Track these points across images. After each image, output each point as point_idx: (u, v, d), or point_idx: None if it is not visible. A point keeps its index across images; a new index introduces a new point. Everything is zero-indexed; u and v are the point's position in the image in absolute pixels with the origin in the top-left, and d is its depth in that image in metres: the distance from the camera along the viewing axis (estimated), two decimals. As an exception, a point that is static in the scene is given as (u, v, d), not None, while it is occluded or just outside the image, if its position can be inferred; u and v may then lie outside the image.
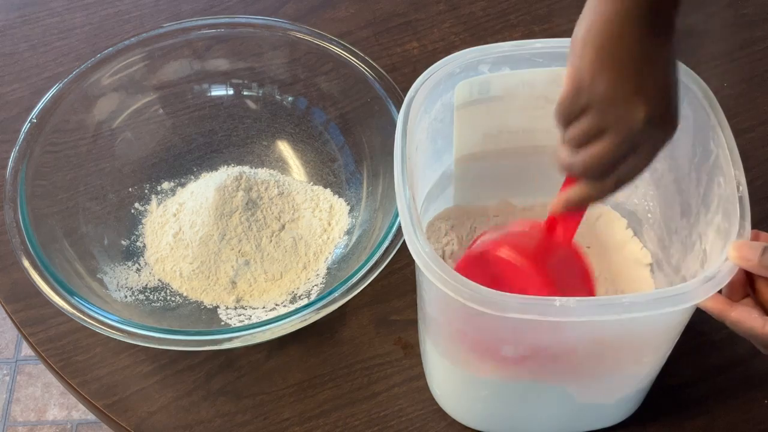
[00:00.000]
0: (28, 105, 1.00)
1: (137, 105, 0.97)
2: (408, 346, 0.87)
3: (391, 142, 0.75)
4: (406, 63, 1.06)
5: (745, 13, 1.11)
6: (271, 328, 0.79)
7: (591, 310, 0.65)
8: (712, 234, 0.71)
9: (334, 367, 0.86)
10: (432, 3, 1.12)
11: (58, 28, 1.10)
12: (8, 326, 1.80)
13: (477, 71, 0.77)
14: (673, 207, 0.79)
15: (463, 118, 0.79)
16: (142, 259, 0.91)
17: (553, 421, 0.81)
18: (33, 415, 1.71)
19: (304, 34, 0.97)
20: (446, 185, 0.85)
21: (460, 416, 0.83)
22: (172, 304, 0.88)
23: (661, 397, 0.83)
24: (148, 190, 0.96)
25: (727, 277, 0.65)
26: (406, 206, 0.69)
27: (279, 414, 0.84)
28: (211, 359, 0.86)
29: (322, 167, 0.97)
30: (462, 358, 0.77)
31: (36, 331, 0.88)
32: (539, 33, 1.09)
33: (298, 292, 0.88)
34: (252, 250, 0.89)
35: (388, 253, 0.82)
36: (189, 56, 0.98)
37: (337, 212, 0.93)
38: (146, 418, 0.83)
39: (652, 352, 0.75)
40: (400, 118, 0.74)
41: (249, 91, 1.00)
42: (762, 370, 0.85)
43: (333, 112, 0.98)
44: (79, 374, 0.86)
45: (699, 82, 0.73)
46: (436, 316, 0.75)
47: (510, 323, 0.67)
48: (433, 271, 0.65)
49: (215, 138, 0.99)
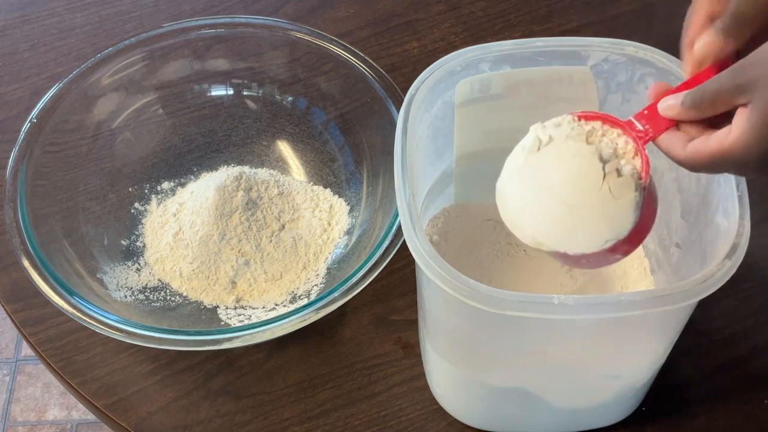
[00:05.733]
0: (28, 105, 1.00)
1: (137, 105, 0.97)
2: (408, 346, 0.87)
3: (391, 141, 0.75)
4: (406, 63, 1.06)
5: (745, 13, 1.11)
6: (271, 328, 0.79)
7: (589, 308, 0.65)
8: (712, 234, 0.71)
9: (334, 367, 0.86)
10: (432, 3, 1.12)
11: (58, 28, 1.10)
12: (8, 326, 1.80)
13: (478, 69, 0.77)
14: (673, 206, 0.79)
15: (464, 116, 0.79)
16: (142, 259, 0.91)
17: (552, 420, 0.81)
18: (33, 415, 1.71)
19: (304, 34, 0.97)
20: (447, 184, 0.85)
21: (460, 415, 0.83)
22: (172, 304, 0.88)
23: (661, 397, 0.83)
24: (148, 190, 0.96)
25: (726, 276, 0.65)
26: (405, 204, 0.69)
27: (279, 414, 0.84)
28: (211, 359, 0.86)
29: (322, 167, 0.97)
30: (462, 357, 0.77)
31: (36, 331, 0.88)
32: (539, 33, 1.09)
33: (298, 292, 0.88)
34: (252, 250, 0.89)
35: (388, 253, 0.82)
36: (189, 56, 0.98)
37: (337, 212, 0.93)
38: (146, 418, 0.83)
39: (651, 351, 0.75)
40: (400, 117, 0.74)
41: (249, 91, 1.00)
42: (762, 370, 0.85)
43: (333, 112, 0.98)
44: (79, 374, 0.86)
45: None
46: (437, 314, 0.75)
47: (509, 321, 0.67)
48: (433, 269, 0.65)
49: (215, 138, 0.99)
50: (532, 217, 0.66)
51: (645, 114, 0.66)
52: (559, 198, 0.65)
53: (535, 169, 0.66)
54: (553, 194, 0.65)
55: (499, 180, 0.68)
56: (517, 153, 0.68)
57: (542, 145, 0.66)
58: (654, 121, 0.66)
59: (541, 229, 0.66)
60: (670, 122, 0.65)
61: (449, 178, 0.84)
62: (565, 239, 0.65)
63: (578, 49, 0.77)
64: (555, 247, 0.66)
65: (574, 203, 0.64)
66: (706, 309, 0.79)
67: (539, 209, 0.66)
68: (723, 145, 0.60)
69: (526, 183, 0.66)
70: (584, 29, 1.09)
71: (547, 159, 0.66)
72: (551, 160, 0.66)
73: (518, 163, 0.67)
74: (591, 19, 1.10)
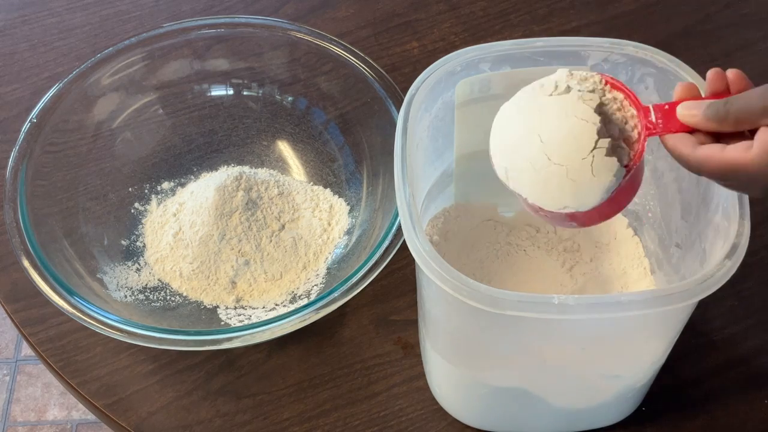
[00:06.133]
0: (28, 105, 1.00)
1: (137, 105, 0.97)
2: (408, 346, 0.87)
3: (391, 141, 0.75)
4: (406, 63, 1.06)
5: (745, 13, 1.11)
6: (271, 328, 0.79)
7: (589, 308, 0.65)
8: (712, 234, 0.71)
9: (333, 367, 0.86)
10: (432, 3, 1.12)
11: (58, 28, 1.10)
12: (8, 326, 1.80)
13: (478, 69, 0.77)
14: (673, 206, 0.79)
15: (464, 116, 0.79)
16: (142, 259, 0.91)
17: (552, 420, 0.81)
18: (33, 415, 1.71)
19: (304, 34, 0.97)
20: (447, 184, 0.85)
21: (460, 415, 0.83)
22: (172, 304, 0.88)
23: (661, 397, 0.83)
24: (148, 190, 0.96)
25: (726, 276, 0.65)
26: (405, 204, 0.69)
27: (279, 414, 0.84)
28: (211, 359, 0.86)
29: (322, 167, 0.97)
30: (462, 357, 0.77)
31: (36, 331, 0.88)
32: (539, 33, 1.09)
33: (298, 292, 0.88)
34: (252, 250, 0.89)
35: (388, 253, 0.82)
36: (189, 56, 0.98)
37: (337, 212, 0.93)
38: (146, 418, 0.83)
39: (651, 351, 0.75)
40: (400, 116, 0.74)
41: (249, 91, 1.00)
42: (762, 370, 0.85)
43: (333, 112, 0.98)
44: (79, 374, 0.86)
45: (700, 81, 0.73)
46: (436, 314, 0.75)
47: (509, 321, 0.67)
48: (433, 269, 0.65)
49: (215, 138, 0.99)
50: (513, 153, 0.67)
51: (665, 109, 0.66)
52: (543, 148, 0.65)
53: (538, 110, 0.66)
54: (540, 142, 0.65)
55: (505, 104, 0.69)
56: (532, 87, 0.68)
57: (556, 92, 0.66)
58: (669, 119, 0.66)
59: (514, 167, 0.66)
60: (685, 127, 0.65)
61: (449, 178, 0.84)
62: (529, 187, 0.66)
63: (578, 49, 0.77)
64: (518, 190, 0.67)
65: (554, 159, 0.65)
66: (706, 309, 0.80)
67: (522, 149, 0.66)
68: (741, 158, 0.61)
69: (524, 119, 0.67)
70: (584, 29, 1.09)
71: (553, 107, 0.66)
72: (556, 109, 0.66)
73: (527, 97, 0.68)
74: (591, 19, 1.10)
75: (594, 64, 0.77)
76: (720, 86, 0.65)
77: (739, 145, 0.61)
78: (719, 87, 0.65)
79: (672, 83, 0.75)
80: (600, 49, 0.77)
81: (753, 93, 0.62)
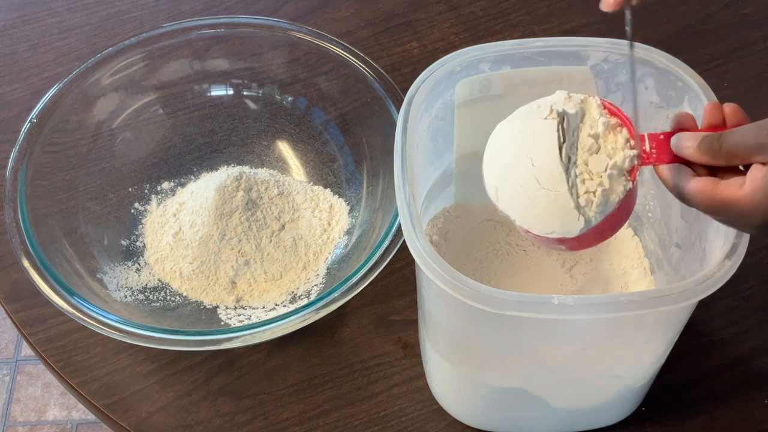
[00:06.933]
0: (28, 105, 1.00)
1: (137, 105, 0.97)
2: (408, 346, 0.87)
3: (391, 141, 0.75)
4: (406, 63, 1.06)
5: (745, 13, 1.11)
6: (271, 328, 0.79)
7: (589, 308, 0.65)
8: (712, 233, 0.71)
9: (333, 367, 0.86)
10: (432, 3, 1.12)
11: (58, 28, 1.10)
12: (8, 326, 1.80)
13: (478, 69, 0.77)
14: (672, 206, 0.79)
15: (464, 116, 0.79)
16: (142, 259, 0.91)
17: (552, 420, 0.81)
18: (33, 415, 1.71)
19: (304, 34, 0.97)
20: (447, 184, 0.85)
21: (460, 415, 0.83)
22: (172, 304, 0.88)
23: (661, 397, 0.83)
24: (148, 190, 0.96)
25: (726, 276, 0.65)
26: (405, 204, 0.69)
27: (279, 414, 0.84)
28: (211, 359, 0.86)
29: (322, 167, 0.97)
30: (462, 357, 0.77)
31: (36, 331, 0.88)
32: (539, 33, 1.09)
33: (298, 292, 0.88)
34: (252, 250, 0.89)
35: (388, 253, 0.82)
36: (189, 56, 0.98)
37: (336, 212, 0.93)
38: (146, 418, 0.83)
39: (651, 351, 0.75)
40: (400, 116, 0.74)
41: (249, 91, 1.00)
42: (762, 370, 0.85)
43: (333, 112, 0.98)
44: (79, 374, 0.86)
45: (699, 81, 0.73)
46: (437, 314, 0.75)
47: (509, 320, 0.67)
48: (433, 269, 0.65)
49: (215, 138, 0.99)
50: (504, 173, 0.66)
51: (659, 138, 0.66)
52: (534, 172, 0.65)
53: (532, 133, 0.66)
54: (531, 165, 0.65)
55: (502, 123, 0.69)
56: (529, 108, 0.68)
57: (551, 116, 0.66)
58: (663, 149, 0.65)
59: (504, 188, 0.66)
60: (677, 158, 0.65)
61: (449, 178, 0.84)
62: (517, 210, 0.66)
63: (578, 49, 0.77)
64: (507, 211, 0.66)
65: (543, 184, 0.64)
66: (706, 309, 0.80)
67: (513, 171, 0.66)
68: (732, 195, 0.60)
69: (517, 141, 0.67)
70: (584, 29, 1.09)
71: (546, 130, 0.66)
72: (549, 132, 0.65)
73: (523, 117, 0.67)
74: (591, 19, 1.10)
75: (594, 64, 0.77)
76: (716, 119, 0.65)
77: (732, 182, 0.61)
78: (716, 120, 0.65)
79: (672, 83, 0.75)
80: (600, 49, 0.77)
81: (747, 129, 0.61)
